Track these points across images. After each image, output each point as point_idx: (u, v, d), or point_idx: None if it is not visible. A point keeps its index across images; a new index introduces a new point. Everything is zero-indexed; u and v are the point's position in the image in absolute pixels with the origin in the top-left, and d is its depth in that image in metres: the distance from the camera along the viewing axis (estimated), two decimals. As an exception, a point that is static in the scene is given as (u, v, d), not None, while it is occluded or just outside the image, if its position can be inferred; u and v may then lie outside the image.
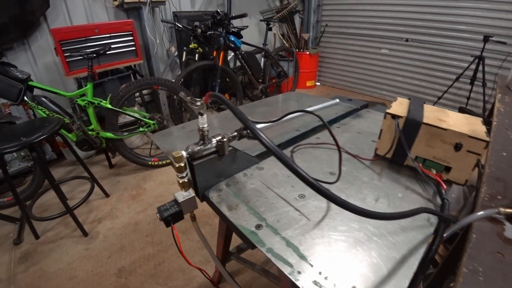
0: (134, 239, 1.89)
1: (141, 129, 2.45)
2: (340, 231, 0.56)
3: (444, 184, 0.70)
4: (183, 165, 0.58)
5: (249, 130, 0.46)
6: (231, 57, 3.62)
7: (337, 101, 1.08)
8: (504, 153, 0.75)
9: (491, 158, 0.73)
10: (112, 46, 2.51)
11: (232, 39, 2.88)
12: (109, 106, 2.26)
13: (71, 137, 2.24)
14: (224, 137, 0.61)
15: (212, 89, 2.83)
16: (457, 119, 0.77)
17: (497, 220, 0.55)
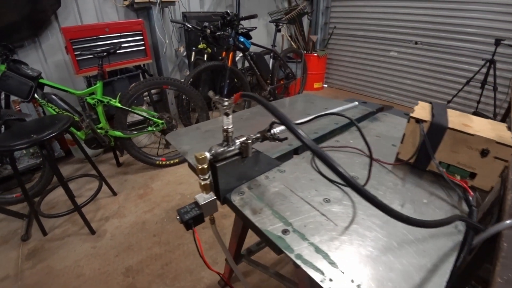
0: (142, 238, 1.88)
1: (149, 128, 2.45)
2: (368, 237, 0.54)
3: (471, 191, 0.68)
4: (206, 166, 0.57)
5: (289, 129, 0.44)
6: (239, 58, 3.61)
7: (356, 103, 1.07)
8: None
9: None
10: (122, 45, 2.52)
11: (242, 40, 2.87)
12: (119, 105, 2.26)
13: (80, 135, 2.25)
14: (249, 138, 0.60)
15: (221, 89, 2.83)
16: (481, 124, 0.76)
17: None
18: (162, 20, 3.09)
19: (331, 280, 0.45)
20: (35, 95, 2.08)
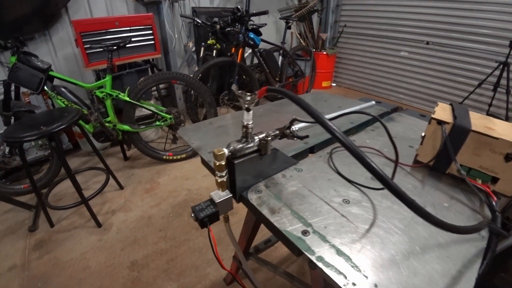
0: (147, 233, 1.88)
1: (157, 123, 2.44)
2: (390, 240, 0.53)
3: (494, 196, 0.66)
4: (224, 163, 0.55)
5: (320, 123, 0.43)
6: (248, 54, 3.59)
7: (373, 103, 1.04)
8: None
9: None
10: (132, 39, 2.51)
11: (252, 36, 2.85)
12: (127, 99, 2.26)
13: (88, 128, 2.25)
14: (268, 135, 0.58)
15: (229, 86, 2.81)
16: (505, 128, 0.73)
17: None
18: (171, 15, 3.08)
19: (354, 284, 0.43)
20: (45, 87, 2.08)
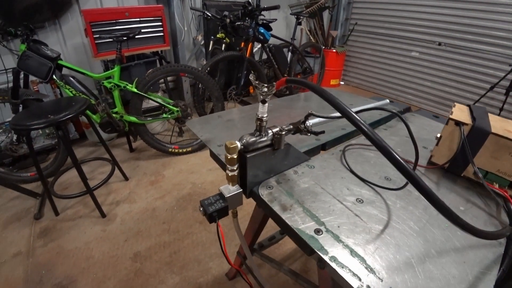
0: (151, 225, 1.88)
1: (164, 115, 2.43)
2: (405, 242, 0.51)
3: (513, 201, 0.63)
4: (235, 156, 0.54)
5: (345, 115, 0.41)
6: (257, 49, 3.56)
7: (387, 101, 1.02)
8: None
9: None
10: (141, 30, 2.49)
11: (262, 31, 2.82)
12: (135, 90, 2.25)
13: (95, 118, 2.25)
14: (282, 130, 0.57)
15: (238, 80, 2.79)
16: (525, 131, 0.70)
17: None
18: (182, 7, 3.05)
19: (368, 287, 0.42)
20: (54, 76, 2.08)
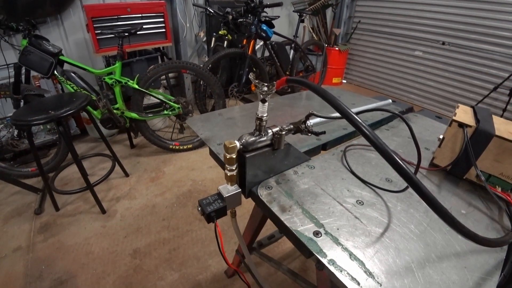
0: (151, 221, 1.88)
1: (165, 112, 2.43)
2: (405, 246, 0.50)
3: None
4: (234, 156, 0.53)
5: (346, 117, 0.41)
6: (259, 47, 3.54)
7: (389, 101, 1.01)
8: None
9: None
10: (143, 26, 2.48)
11: (264, 28, 2.80)
12: (136, 86, 2.24)
13: (96, 114, 2.25)
14: (282, 129, 0.56)
15: (239, 77, 2.77)
16: (529, 134, 0.69)
17: None
18: (184, 3, 3.03)
19: (367, 291, 0.41)
20: (55, 71, 2.07)
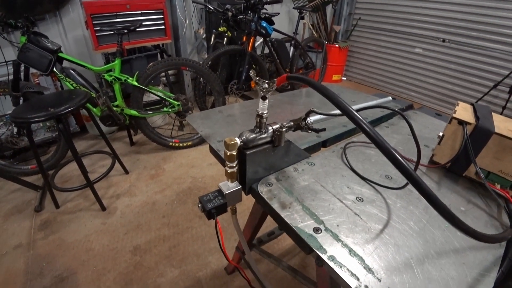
0: (151, 218, 1.89)
1: (165, 109, 2.42)
2: (404, 243, 0.50)
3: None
4: (235, 153, 0.53)
5: (347, 114, 0.41)
6: (259, 44, 3.53)
7: (389, 98, 1.01)
8: None
9: None
10: (143, 23, 2.47)
11: (264, 25, 2.79)
12: (136, 84, 2.24)
13: (96, 111, 2.24)
14: (282, 126, 0.56)
15: (239, 74, 2.77)
16: (529, 132, 0.69)
17: None
18: (183, 0, 3.02)
19: (366, 287, 0.41)
20: (54, 68, 2.07)
